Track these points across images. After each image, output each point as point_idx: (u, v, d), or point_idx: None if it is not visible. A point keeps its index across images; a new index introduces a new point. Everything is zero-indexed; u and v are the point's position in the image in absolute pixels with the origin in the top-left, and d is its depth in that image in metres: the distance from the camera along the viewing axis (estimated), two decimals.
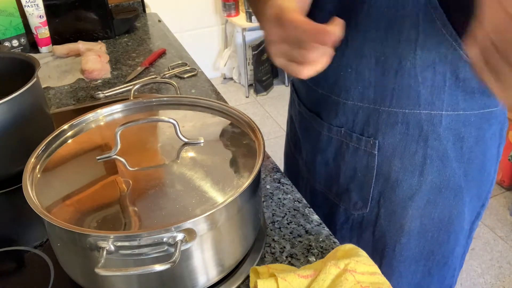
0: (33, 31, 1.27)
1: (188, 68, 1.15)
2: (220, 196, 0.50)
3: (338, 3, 0.61)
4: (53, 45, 1.28)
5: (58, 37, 1.30)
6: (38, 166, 0.56)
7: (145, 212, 0.49)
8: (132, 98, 0.70)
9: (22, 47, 1.28)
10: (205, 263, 0.51)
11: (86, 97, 1.04)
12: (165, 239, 0.45)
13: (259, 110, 2.96)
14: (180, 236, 0.45)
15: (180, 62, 1.18)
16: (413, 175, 0.68)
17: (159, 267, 0.43)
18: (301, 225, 0.64)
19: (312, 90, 0.73)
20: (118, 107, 0.66)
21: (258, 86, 3.05)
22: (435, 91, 0.61)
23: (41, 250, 0.61)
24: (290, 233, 0.63)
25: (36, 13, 1.25)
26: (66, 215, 0.49)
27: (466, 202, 0.71)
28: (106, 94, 1.03)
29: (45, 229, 0.52)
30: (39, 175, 0.55)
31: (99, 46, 1.24)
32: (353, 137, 0.69)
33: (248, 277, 0.56)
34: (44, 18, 1.27)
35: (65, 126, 0.62)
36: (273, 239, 0.62)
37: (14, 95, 0.68)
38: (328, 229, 0.63)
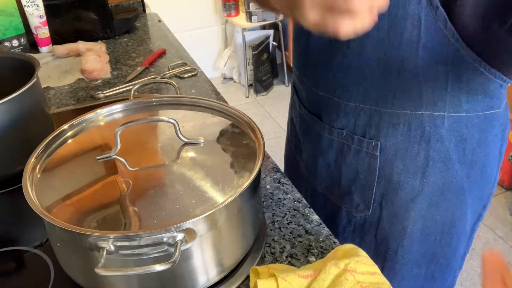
0: (33, 31, 1.27)
1: (188, 68, 1.15)
2: (220, 196, 0.50)
3: None
4: (53, 45, 1.28)
5: (58, 37, 1.30)
6: (38, 166, 0.56)
7: (145, 212, 0.49)
8: (132, 98, 0.70)
9: (22, 47, 1.28)
10: (205, 263, 0.51)
11: (86, 97, 1.04)
12: (165, 239, 0.45)
13: (259, 110, 2.96)
14: (180, 236, 0.45)
15: (180, 62, 1.18)
16: (415, 177, 0.67)
17: (159, 267, 0.43)
18: (301, 225, 0.64)
19: (313, 92, 0.73)
20: (118, 107, 0.66)
21: (258, 86, 3.05)
22: (437, 92, 0.61)
23: (41, 250, 0.61)
24: (290, 233, 0.62)
25: (36, 13, 1.25)
26: (66, 215, 0.49)
27: (469, 204, 0.71)
28: (106, 94, 1.03)
29: (45, 229, 0.52)
30: (39, 175, 0.55)
31: (99, 46, 1.24)
32: (355, 139, 0.69)
33: (248, 277, 0.56)
34: (44, 18, 1.27)
35: (65, 126, 0.62)
36: (273, 239, 0.61)
37: (14, 95, 0.68)
38: (328, 229, 0.63)
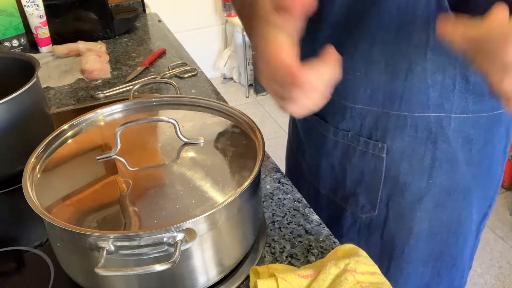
0: (33, 31, 1.27)
1: (188, 68, 1.15)
2: (220, 196, 0.50)
3: (348, 6, 0.60)
4: (53, 45, 1.28)
5: (58, 37, 1.30)
6: (38, 166, 0.56)
7: (145, 212, 0.49)
8: (132, 98, 0.70)
9: (22, 47, 1.28)
10: (205, 263, 0.51)
11: (86, 97, 1.04)
12: (165, 239, 0.45)
13: (259, 110, 2.96)
14: (180, 236, 0.45)
15: (180, 62, 1.18)
16: (421, 178, 0.67)
17: (159, 267, 0.43)
18: (301, 225, 0.64)
19: None
20: (118, 107, 0.66)
21: (258, 86, 3.05)
22: (444, 94, 0.60)
23: (41, 250, 0.61)
24: (290, 233, 0.62)
25: (36, 13, 1.25)
26: (66, 215, 0.49)
27: (474, 204, 0.70)
28: (106, 94, 1.03)
29: (45, 229, 0.52)
30: (39, 175, 0.55)
31: (99, 46, 1.24)
32: (361, 141, 0.68)
33: (248, 277, 0.56)
34: (44, 18, 1.27)
35: (65, 126, 0.62)
36: (273, 239, 0.61)
37: (14, 95, 0.68)
38: (328, 229, 0.63)
